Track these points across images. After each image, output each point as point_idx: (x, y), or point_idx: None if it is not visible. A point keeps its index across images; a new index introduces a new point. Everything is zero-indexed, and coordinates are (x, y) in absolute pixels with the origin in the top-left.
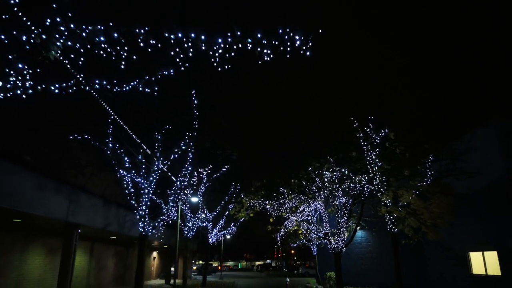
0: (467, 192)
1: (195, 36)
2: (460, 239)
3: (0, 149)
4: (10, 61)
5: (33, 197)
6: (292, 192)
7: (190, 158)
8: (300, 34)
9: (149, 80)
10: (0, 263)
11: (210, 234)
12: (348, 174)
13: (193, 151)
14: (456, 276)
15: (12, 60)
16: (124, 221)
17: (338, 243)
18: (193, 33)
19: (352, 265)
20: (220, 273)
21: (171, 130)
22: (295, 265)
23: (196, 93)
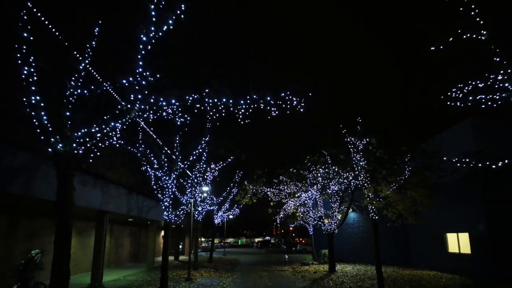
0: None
1: (225, 100)
2: (439, 222)
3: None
4: (106, 120)
5: (79, 192)
6: (290, 180)
7: (204, 158)
8: (296, 97)
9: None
10: (41, 244)
11: (216, 215)
12: (338, 171)
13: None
14: (434, 253)
15: (107, 120)
16: (142, 206)
17: (331, 225)
18: (224, 98)
19: (345, 243)
20: (223, 249)
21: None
22: (293, 242)
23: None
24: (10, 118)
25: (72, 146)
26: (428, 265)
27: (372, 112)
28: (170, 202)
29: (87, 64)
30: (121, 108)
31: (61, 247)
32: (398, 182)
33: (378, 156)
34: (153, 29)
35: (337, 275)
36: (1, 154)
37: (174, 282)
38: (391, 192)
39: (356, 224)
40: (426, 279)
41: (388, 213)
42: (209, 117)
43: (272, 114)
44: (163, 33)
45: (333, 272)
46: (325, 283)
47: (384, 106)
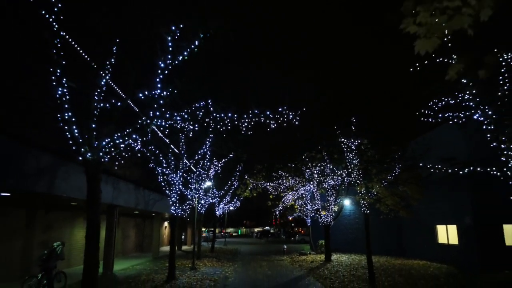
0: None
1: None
2: (429, 215)
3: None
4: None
5: None
6: (289, 174)
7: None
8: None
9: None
10: (56, 235)
11: (217, 207)
12: (333, 169)
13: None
14: (425, 244)
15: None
16: (148, 199)
17: (327, 217)
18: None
19: (341, 234)
20: (224, 239)
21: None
22: (292, 232)
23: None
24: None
25: (99, 155)
26: (419, 255)
27: (367, 112)
28: (177, 197)
29: (108, 79)
30: (141, 122)
31: (92, 240)
32: (388, 180)
33: (369, 155)
34: (169, 57)
35: (333, 265)
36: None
37: (180, 271)
38: (381, 189)
39: (352, 216)
40: (416, 268)
41: (380, 206)
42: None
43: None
44: (179, 62)
45: (329, 261)
46: (320, 272)
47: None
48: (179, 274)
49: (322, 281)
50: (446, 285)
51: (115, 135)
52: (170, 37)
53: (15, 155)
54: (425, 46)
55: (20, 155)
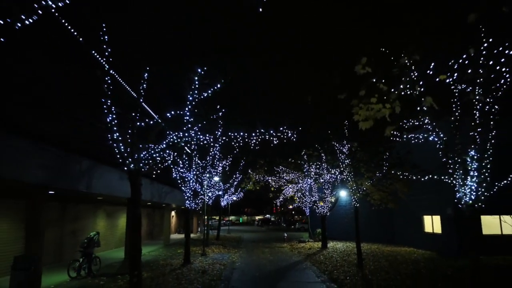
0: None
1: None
2: (417, 206)
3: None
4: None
5: (117, 185)
6: (289, 169)
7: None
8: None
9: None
10: (82, 225)
11: (222, 198)
12: (327, 168)
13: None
14: (413, 232)
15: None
16: (161, 192)
17: (323, 208)
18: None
19: (338, 223)
20: (228, 227)
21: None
22: (293, 221)
23: None
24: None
25: (139, 166)
26: (408, 243)
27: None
28: (191, 193)
29: (142, 102)
30: (173, 141)
31: (134, 231)
32: (375, 177)
33: (359, 156)
34: (196, 93)
35: (328, 251)
36: (68, 162)
37: (192, 257)
38: (369, 185)
39: (348, 206)
40: (402, 254)
41: (370, 199)
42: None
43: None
44: (204, 97)
45: (325, 248)
46: (317, 258)
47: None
48: (192, 259)
49: (317, 265)
50: (424, 268)
51: (151, 149)
52: (196, 77)
53: (64, 162)
54: (365, 125)
55: (68, 162)
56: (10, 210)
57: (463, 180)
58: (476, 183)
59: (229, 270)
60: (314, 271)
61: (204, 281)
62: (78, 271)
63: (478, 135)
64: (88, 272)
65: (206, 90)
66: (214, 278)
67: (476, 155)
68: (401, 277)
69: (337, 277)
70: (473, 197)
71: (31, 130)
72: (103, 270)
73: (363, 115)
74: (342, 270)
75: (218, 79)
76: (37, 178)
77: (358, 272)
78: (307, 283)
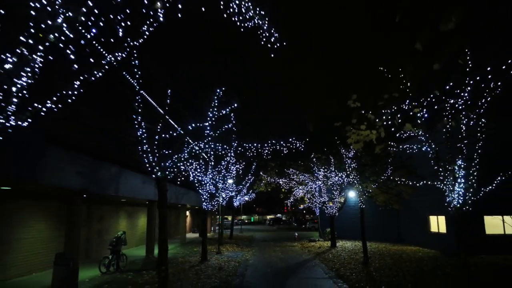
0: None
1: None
2: (423, 207)
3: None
4: (186, 158)
5: (140, 188)
6: (299, 171)
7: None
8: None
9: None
10: (106, 225)
11: (235, 199)
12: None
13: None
14: (419, 232)
15: (187, 158)
16: (177, 194)
17: (332, 209)
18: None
19: (346, 223)
20: (240, 227)
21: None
22: (304, 220)
23: None
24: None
25: (165, 173)
26: (414, 242)
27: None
28: (208, 195)
29: (166, 116)
30: (195, 152)
31: (162, 230)
32: (379, 181)
33: (364, 161)
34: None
35: (337, 250)
36: (100, 169)
37: (208, 255)
38: (374, 188)
39: (356, 207)
40: (407, 253)
41: (375, 200)
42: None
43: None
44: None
45: (334, 247)
46: (325, 256)
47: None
48: (208, 257)
49: (326, 263)
50: (425, 266)
51: (175, 158)
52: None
53: (96, 169)
54: (356, 146)
55: (99, 168)
56: (46, 212)
57: (452, 186)
58: (463, 189)
59: (243, 267)
60: (323, 268)
61: (221, 277)
62: (107, 267)
63: (464, 147)
64: (117, 268)
65: (224, 108)
66: (230, 274)
67: (463, 164)
68: (403, 273)
69: (344, 273)
70: (460, 201)
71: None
72: (128, 267)
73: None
74: (348, 267)
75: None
76: (75, 184)
77: (363, 269)
78: (315, 279)
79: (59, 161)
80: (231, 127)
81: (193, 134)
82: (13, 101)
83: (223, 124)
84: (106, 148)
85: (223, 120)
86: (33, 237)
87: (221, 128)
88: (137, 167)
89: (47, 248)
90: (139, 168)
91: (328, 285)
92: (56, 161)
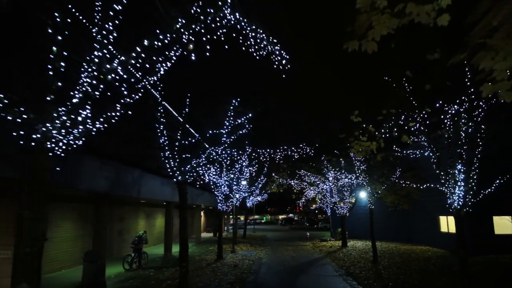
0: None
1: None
2: (433, 207)
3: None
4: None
5: (159, 190)
6: (310, 172)
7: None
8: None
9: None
10: (126, 225)
11: (248, 200)
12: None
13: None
14: (429, 232)
15: (206, 163)
16: (193, 195)
17: (343, 209)
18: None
19: (358, 223)
20: (253, 226)
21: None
22: (316, 220)
23: None
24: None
25: (185, 177)
26: (425, 242)
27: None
28: (223, 197)
29: (186, 125)
30: (213, 157)
31: (183, 230)
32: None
33: (372, 163)
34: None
35: (348, 249)
36: (124, 173)
37: (223, 253)
38: (382, 189)
39: (367, 207)
40: (416, 252)
41: (385, 201)
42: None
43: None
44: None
45: (345, 247)
46: (336, 255)
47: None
48: (223, 256)
49: (336, 261)
50: (433, 264)
51: (194, 163)
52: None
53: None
54: (359, 155)
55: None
56: (73, 213)
57: (453, 189)
58: (463, 192)
59: (257, 265)
60: (333, 266)
61: (236, 274)
62: (130, 264)
63: (464, 152)
64: (139, 265)
65: (240, 117)
66: (244, 271)
67: (462, 169)
68: (410, 272)
69: (353, 271)
70: (460, 203)
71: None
72: (149, 264)
73: (357, 148)
74: (358, 266)
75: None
76: (102, 187)
77: (372, 267)
78: (326, 276)
79: (92, 167)
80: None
81: (211, 141)
82: (78, 127)
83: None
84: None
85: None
86: (61, 236)
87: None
88: (156, 170)
89: (74, 247)
90: (158, 171)
91: (338, 282)
92: (90, 168)
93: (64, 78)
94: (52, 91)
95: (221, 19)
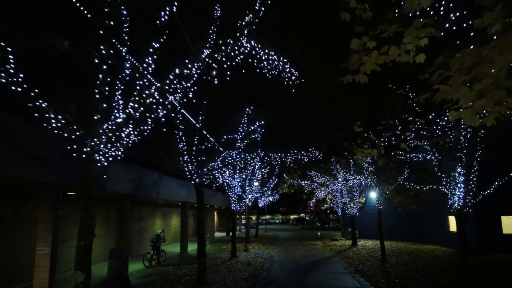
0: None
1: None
2: (441, 207)
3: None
4: (221, 167)
5: (176, 191)
6: (320, 174)
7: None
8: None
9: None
10: (144, 224)
11: (260, 200)
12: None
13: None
14: (439, 231)
15: (221, 166)
16: (207, 195)
17: (353, 209)
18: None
19: (368, 222)
20: (265, 226)
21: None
22: (327, 220)
23: None
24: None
25: (203, 180)
26: (434, 241)
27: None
28: (236, 197)
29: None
30: (228, 161)
31: (200, 229)
32: (395, 183)
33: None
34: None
35: (357, 248)
36: (145, 175)
37: (237, 252)
38: (390, 190)
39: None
40: (425, 251)
41: (394, 201)
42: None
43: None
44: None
45: (355, 246)
46: (346, 254)
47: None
48: (237, 254)
49: (346, 260)
50: (440, 263)
51: (210, 166)
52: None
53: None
54: (361, 161)
55: (144, 175)
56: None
57: (454, 190)
58: (463, 193)
59: (269, 263)
60: (343, 264)
61: (249, 271)
62: (150, 261)
63: (464, 156)
64: (158, 262)
65: (253, 124)
66: (257, 268)
67: (462, 171)
68: (417, 269)
69: (362, 269)
70: (461, 204)
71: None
72: (167, 261)
73: (360, 155)
74: (367, 264)
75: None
76: (126, 189)
77: (380, 265)
78: (335, 273)
79: (117, 171)
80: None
81: (226, 145)
82: (121, 141)
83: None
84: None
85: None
86: None
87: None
88: (173, 172)
89: (98, 245)
90: (174, 174)
91: (346, 279)
92: (116, 171)
93: (108, 101)
94: (99, 111)
95: (239, 47)
